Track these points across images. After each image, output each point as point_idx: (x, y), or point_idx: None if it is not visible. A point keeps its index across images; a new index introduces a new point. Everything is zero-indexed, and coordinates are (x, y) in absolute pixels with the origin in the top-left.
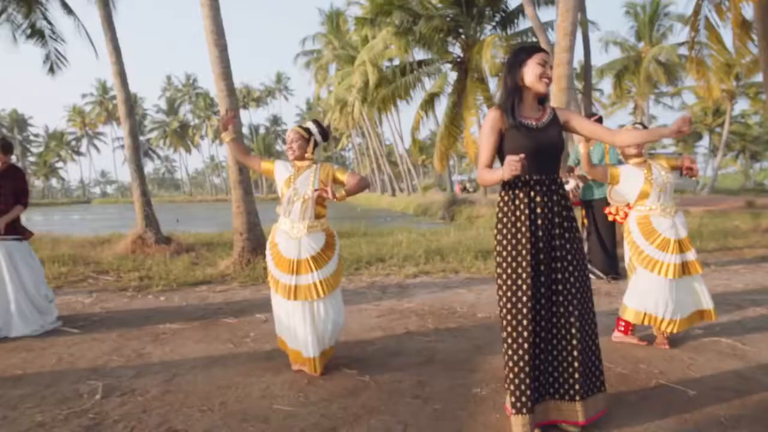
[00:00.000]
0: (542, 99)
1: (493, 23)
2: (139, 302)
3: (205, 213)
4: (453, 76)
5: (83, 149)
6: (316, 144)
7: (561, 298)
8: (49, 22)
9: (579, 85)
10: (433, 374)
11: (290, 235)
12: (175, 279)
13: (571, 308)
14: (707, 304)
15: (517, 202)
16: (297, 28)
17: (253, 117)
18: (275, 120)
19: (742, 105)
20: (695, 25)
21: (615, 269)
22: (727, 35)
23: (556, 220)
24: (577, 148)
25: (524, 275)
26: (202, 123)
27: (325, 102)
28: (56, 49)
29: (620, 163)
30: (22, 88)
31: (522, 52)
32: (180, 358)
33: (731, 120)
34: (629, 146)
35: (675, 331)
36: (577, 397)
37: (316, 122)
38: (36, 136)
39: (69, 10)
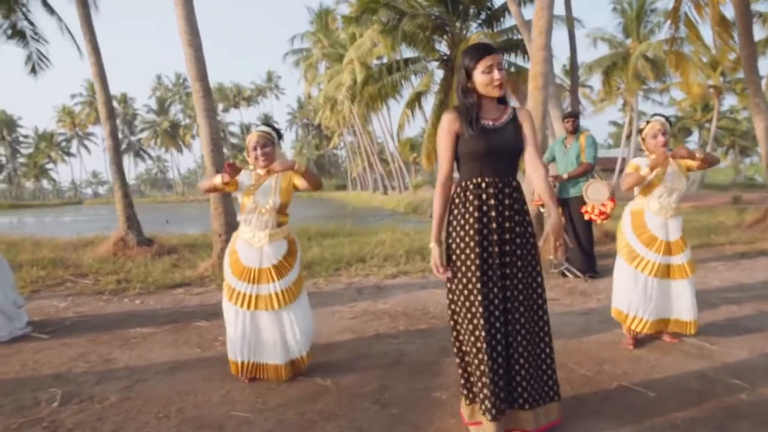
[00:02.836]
0: (501, 99)
1: (479, 21)
2: (115, 306)
3: (196, 213)
4: (440, 74)
5: (73, 150)
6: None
7: (509, 305)
8: (31, 23)
9: (567, 81)
10: (396, 378)
11: (251, 244)
12: (154, 282)
13: (518, 315)
14: (687, 315)
15: (467, 204)
16: (287, 26)
17: (244, 116)
18: (266, 119)
19: (730, 101)
20: (675, 22)
21: (592, 268)
22: (707, 32)
23: (507, 224)
24: (552, 147)
25: (474, 279)
26: (193, 123)
27: (316, 100)
28: (38, 50)
29: (594, 160)
30: (10, 89)
31: (467, 58)
32: (145, 363)
33: (720, 115)
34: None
35: (643, 331)
36: (527, 406)
37: (268, 123)
38: (26, 137)
39: (51, 11)
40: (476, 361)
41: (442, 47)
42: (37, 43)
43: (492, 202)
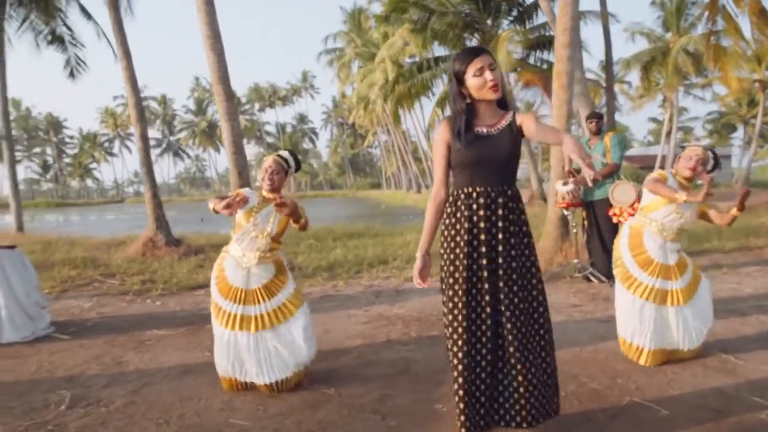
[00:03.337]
0: (502, 103)
1: (510, 18)
2: (136, 307)
3: None
4: None
5: (116, 150)
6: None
7: (504, 319)
8: (69, 28)
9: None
10: (399, 387)
11: (239, 263)
12: (177, 283)
13: (515, 330)
14: (684, 344)
15: (458, 214)
16: (321, 26)
17: (279, 115)
18: (302, 118)
19: None
20: (713, 14)
21: None
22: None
23: (501, 236)
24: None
25: (460, 292)
26: None
27: (349, 100)
28: (76, 55)
29: (620, 160)
30: (55, 92)
31: (457, 63)
32: (155, 366)
33: (766, 110)
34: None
35: (647, 363)
36: (524, 424)
37: (292, 153)
38: (71, 138)
39: (88, 16)
40: (455, 374)
41: (473, 45)
42: (75, 47)
43: (482, 213)
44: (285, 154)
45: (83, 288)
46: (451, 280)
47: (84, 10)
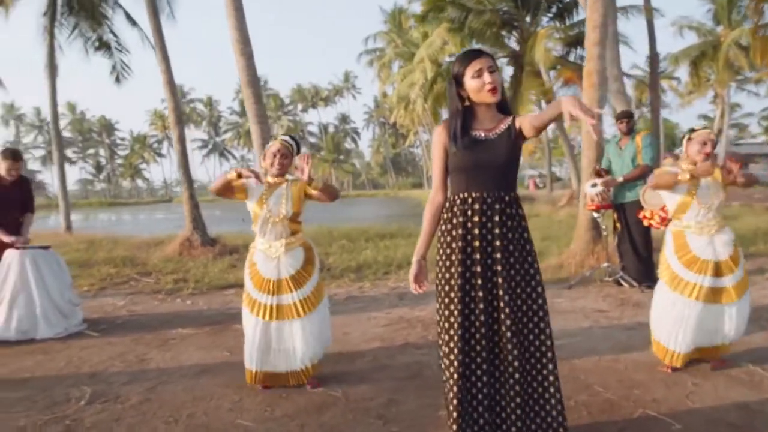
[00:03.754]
0: (502, 107)
1: (550, 15)
2: (166, 306)
3: None
4: (509, 71)
5: (164, 151)
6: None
7: (504, 328)
8: (114, 35)
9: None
10: (407, 392)
11: (268, 255)
12: (208, 282)
13: (515, 339)
14: (727, 336)
15: (454, 220)
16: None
17: (322, 116)
18: (344, 118)
19: None
20: (759, 6)
21: (650, 277)
22: None
23: (497, 243)
24: (606, 150)
25: (456, 299)
26: (273, 123)
27: (390, 99)
28: (121, 60)
29: (653, 161)
30: (108, 95)
31: (456, 65)
32: (175, 365)
33: None
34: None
35: (678, 365)
36: (533, 426)
37: (292, 136)
38: (122, 139)
39: (133, 22)
40: (448, 384)
41: (512, 43)
42: (120, 53)
43: (476, 219)
44: (288, 138)
45: (120, 286)
46: (446, 288)
47: (129, 17)
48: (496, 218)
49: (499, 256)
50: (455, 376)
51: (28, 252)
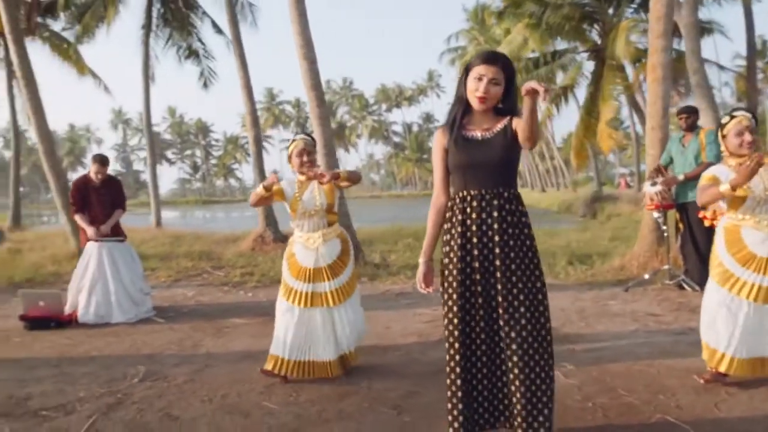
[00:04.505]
0: (501, 110)
1: (634, 5)
2: (230, 297)
3: (352, 209)
4: (590, 66)
5: None
6: None
7: (507, 327)
8: (202, 42)
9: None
10: (428, 385)
11: (307, 246)
12: (273, 276)
13: (518, 338)
14: None
15: (453, 219)
16: (447, 26)
17: (405, 116)
18: (428, 117)
19: None
20: None
21: None
22: None
23: (496, 238)
24: (669, 147)
25: (455, 296)
26: (357, 123)
27: None
28: (208, 66)
29: (717, 159)
30: (204, 99)
31: (473, 59)
32: (223, 351)
33: None
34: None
35: (732, 373)
36: (519, 430)
37: (307, 133)
38: (216, 141)
39: (219, 31)
40: (449, 380)
41: (593, 36)
42: (207, 60)
43: (474, 216)
44: (306, 136)
45: (193, 278)
46: (446, 284)
47: (215, 26)
48: (495, 214)
49: (499, 251)
50: (457, 370)
51: (105, 244)
